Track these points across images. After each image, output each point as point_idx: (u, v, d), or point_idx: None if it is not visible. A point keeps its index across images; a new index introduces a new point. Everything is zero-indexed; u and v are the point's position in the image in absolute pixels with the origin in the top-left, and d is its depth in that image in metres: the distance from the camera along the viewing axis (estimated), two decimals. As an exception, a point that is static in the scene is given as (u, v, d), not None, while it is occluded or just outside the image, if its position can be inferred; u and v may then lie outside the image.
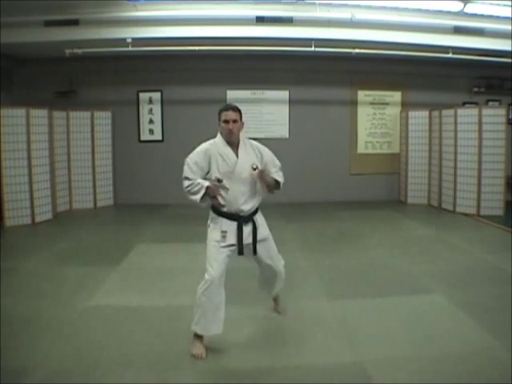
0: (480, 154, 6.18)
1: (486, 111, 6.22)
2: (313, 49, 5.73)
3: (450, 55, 5.96)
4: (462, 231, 5.44)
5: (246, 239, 2.56)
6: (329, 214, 6.57)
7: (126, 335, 2.72)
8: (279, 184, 2.64)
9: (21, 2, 4.74)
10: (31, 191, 5.76)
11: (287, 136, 7.45)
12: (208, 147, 2.50)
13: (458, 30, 5.60)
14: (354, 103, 7.53)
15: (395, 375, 2.26)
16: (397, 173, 7.57)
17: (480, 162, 6.19)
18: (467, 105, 7.29)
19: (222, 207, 2.49)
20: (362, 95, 7.55)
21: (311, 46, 5.72)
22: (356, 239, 5.08)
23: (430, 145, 7.07)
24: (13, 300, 3.24)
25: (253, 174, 2.49)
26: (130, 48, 5.57)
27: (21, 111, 5.66)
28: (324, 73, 7.30)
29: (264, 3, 5.14)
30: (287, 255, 3.81)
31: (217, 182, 2.42)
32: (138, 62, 7.02)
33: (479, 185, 6.21)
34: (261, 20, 5.33)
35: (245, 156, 2.52)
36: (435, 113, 6.93)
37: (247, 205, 2.53)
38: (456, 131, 6.35)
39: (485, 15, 5.27)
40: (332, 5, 5.05)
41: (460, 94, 7.55)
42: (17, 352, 2.48)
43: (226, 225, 2.51)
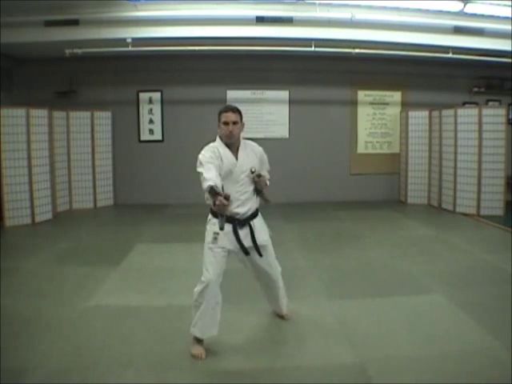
0: (480, 154, 6.18)
1: (486, 111, 6.22)
2: (313, 49, 5.74)
3: (450, 55, 5.96)
4: (462, 231, 5.44)
5: (244, 242, 2.50)
6: (328, 214, 6.57)
7: (126, 335, 2.72)
8: (266, 186, 2.60)
9: (21, 2, 4.74)
10: (31, 191, 5.77)
11: (287, 136, 7.45)
12: (214, 149, 2.43)
13: (458, 30, 5.61)
14: (354, 103, 7.53)
15: (395, 375, 2.26)
16: (397, 173, 7.56)
17: (480, 162, 6.19)
18: (467, 105, 7.28)
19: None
20: (362, 95, 7.55)
21: (311, 46, 5.72)
22: (356, 239, 5.08)
23: (430, 145, 7.07)
24: (13, 300, 3.24)
25: (251, 177, 2.46)
26: (130, 48, 5.57)
27: (21, 111, 5.66)
28: (324, 73, 7.29)
29: (264, 3, 5.14)
30: (286, 255, 3.83)
31: (224, 199, 2.11)
32: (138, 62, 7.01)
33: (479, 185, 6.21)
34: (261, 20, 5.33)
35: (244, 159, 2.49)
36: (435, 113, 6.92)
37: (243, 208, 2.49)
38: (456, 131, 6.35)
39: (485, 15, 5.28)
40: (332, 5, 5.06)
41: (460, 94, 7.55)
42: (17, 352, 2.48)
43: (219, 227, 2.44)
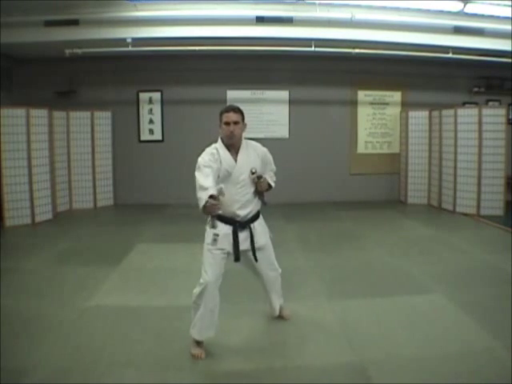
0: (480, 154, 6.18)
1: (486, 111, 6.22)
2: (313, 49, 5.74)
3: (450, 55, 5.96)
4: (462, 231, 5.44)
5: (242, 245, 2.49)
6: (328, 214, 6.57)
7: (126, 335, 2.72)
8: (270, 188, 2.60)
9: (21, 2, 4.74)
10: (31, 191, 5.77)
11: (287, 136, 7.45)
12: (214, 151, 2.42)
13: (458, 30, 5.60)
14: (354, 103, 7.53)
15: (395, 375, 2.26)
16: (397, 173, 7.56)
17: (480, 162, 6.19)
18: (467, 105, 7.29)
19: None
20: (362, 95, 7.55)
21: (311, 46, 5.72)
22: (356, 239, 5.08)
23: (430, 145, 7.07)
24: (13, 300, 3.24)
25: (251, 178, 2.46)
26: (130, 48, 5.57)
27: (21, 111, 5.66)
28: (324, 73, 7.29)
29: (264, 3, 5.14)
30: (287, 255, 3.83)
31: (212, 200, 2.16)
32: (138, 62, 7.01)
33: (479, 185, 6.21)
34: (261, 20, 5.33)
35: (244, 160, 2.47)
36: (435, 113, 6.92)
37: (244, 210, 2.48)
38: (456, 131, 6.35)
39: (485, 15, 5.28)
40: (332, 5, 5.05)
41: (460, 94, 7.55)
42: (17, 352, 2.48)
43: (219, 228, 2.42)
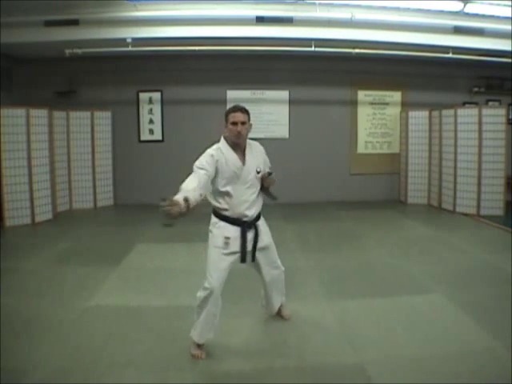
0: (480, 154, 6.18)
1: (486, 111, 6.22)
2: (313, 49, 5.74)
3: (450, 55, 5.96)
4: (462, 231, 5.44)
5: (249, 245, 2.49)
6: (328, 214, 6.57)
7: (126, 335, 2.72)
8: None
9: (21, 2, 4.74)
10: (31, 191, 5.76)
11: (287, 136, 7.45)
12: (213, 153, 2.38)
13: (458, 30, 5.60)
14: (354, 103, 7.52)
15: (395, 375, 2.27)
16: (397, 173, 7.56)
17: (480, 162, 6.19)
18: (467, 105, 7.28)
19: (225, 211, 2.43)
20: (362, 95, 7.55)
21: (311, 46, 5.72)
22: (356, 239, 5.08)
23: (430, 145, 7.06)
24: (13, 300, 3.24)
25: (260, 176, 2.48)
26: (130, 48, 5.57)
27: (21, 111, 5.66)
28: (324, 73, 7.29)
29: (264, 3, 5.14)
30: (287, 255, 3.81)
31: (163, 201, 2.17)
32: (138, 62, 7.01)
33: (479, 185, 6.21)
34: (261, 20, 5.33)
35: (252, 160, 2.48)
36: (435, 113, 6.92)
37: (251, 210, 2.48)
38: (456, 131, 6.35)
39: (485, 15, 5.28)
40: (332, 5, 5.06)
41: (460, 94, 7.55)
42: (17, 352, 2.48)
43: (229, 230, 2.43)
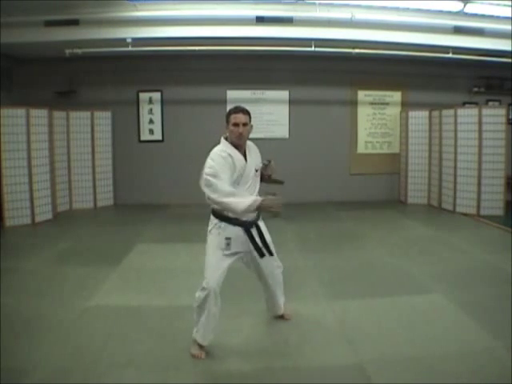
0: (480, 154, 6.18)
1: (486, 111, 6.22)
2: (313, 49, 5.74)
3: (450, 55, 5.96)
4: (462, 231, 5.44)
5: (250, 245, 2.48)
6: (328, 214, 6.57)
7: (126, 335, 2.72)
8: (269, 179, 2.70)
9: (21, 2, 4.73)
10: (31, 191, 5.76)
11: (287, 136, 7.45)
12: (223, 154, 2.34)
13: (458, 30, 5.60)
14: (354, 103, 7.52)
15: (395, 375, 2.26)
16: (397, 173, 7.56)
17: (480, 162, 6.19)
18: (467, 105, 7.28)
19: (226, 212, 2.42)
20: (362, 95, 7.55)
21: (311, 46, 5.72)
22: (356, 239, 5.08)
23: (430, 145, 7.06)
24: (13, 300, 3.24)
25: (263, 165, 2.57)
26: (130, 48, 5.57)
27: (21, 111, 5.66)
28: (324, 73, 7.29)
29: (264, 3, 5.14)
30: (287, 256, 3.82)
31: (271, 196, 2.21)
32: (138, 62, 7.01)
33: (479, 185, 6.21)
34: (261, 20, 5.33)
35: (252, 159, 2.50)
36: (435, 113, 6.92)
37: None
38: (456, 131, 6.35)
39: (485, 15, 5.28)
40: (332, 5, 5.05)
41: (460, 94, 7.55)
42: (17, 352, 2.48)
43: (230, 231, 2.41)
